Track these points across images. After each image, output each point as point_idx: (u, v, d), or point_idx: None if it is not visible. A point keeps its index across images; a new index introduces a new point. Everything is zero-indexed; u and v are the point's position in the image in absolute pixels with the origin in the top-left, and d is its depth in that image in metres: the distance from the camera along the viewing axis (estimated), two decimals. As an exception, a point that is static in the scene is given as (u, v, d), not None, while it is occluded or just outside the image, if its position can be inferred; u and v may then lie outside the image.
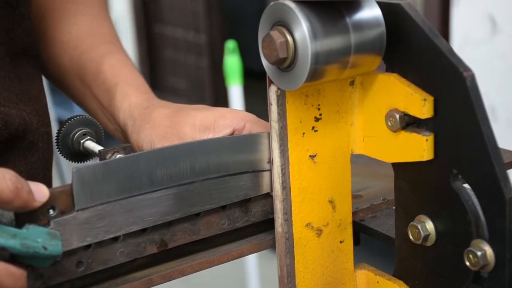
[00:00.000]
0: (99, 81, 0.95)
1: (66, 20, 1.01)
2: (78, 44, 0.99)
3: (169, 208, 0.70)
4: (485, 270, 0.62)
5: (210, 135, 0.79)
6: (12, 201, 0.60)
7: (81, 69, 0.97)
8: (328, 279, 0.75)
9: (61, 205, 0.64)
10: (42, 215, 0.63)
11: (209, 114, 0.81)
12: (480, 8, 2.53)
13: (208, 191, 0.72)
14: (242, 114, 0.81)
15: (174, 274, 0.71)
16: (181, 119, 0.82)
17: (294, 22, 0.62)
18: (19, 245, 0.60)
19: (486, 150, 0.60)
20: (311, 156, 0.71)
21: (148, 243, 0.71)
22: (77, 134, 0.82)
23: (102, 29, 1.02)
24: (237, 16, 5.24)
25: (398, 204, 0.70)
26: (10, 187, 0.60)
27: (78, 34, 1.00)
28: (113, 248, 0.69)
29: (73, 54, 0.99)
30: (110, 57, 0.97)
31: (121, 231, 0.68)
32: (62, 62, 1.00)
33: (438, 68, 0.63)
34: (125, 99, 0.91)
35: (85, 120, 0.83)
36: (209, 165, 0.72)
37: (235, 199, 0.74)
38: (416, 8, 0.65)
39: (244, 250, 0.75)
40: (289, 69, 0.64)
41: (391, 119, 0.67)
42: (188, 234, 0.73)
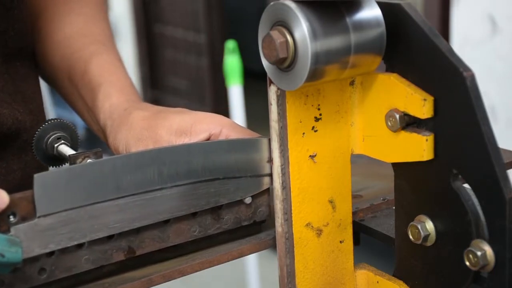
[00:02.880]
0: (85, 81, 0.94)
1: (60, 19, 1.01)
2: (70, 43, 0.99)
3: (136, 214, 0.69)
4: (485, 270, 0.62)
5: (186, 139, 0.79)
6: None
7: (70, 68, 0.97)
8: (328, 279, 0.75)
9: (22, 211, 0.63)
10: (2, 221, 0.63)
11: (187, 118, 0.80)
12: (480, 8, 2.53)
13: (177, 197, 0.71)
14: (219, 119, 0.80)
15: (174, 274, 0.71)
16: (158, 122, 0.81)
17: (294, 22, 0.62)
18: None
19: (486, 150, 0.60)
20: (311, 156, 0.71)
21: (115, 250, 0.69)
22: (51, 138, 0.81)
23: (96, 29, 1.02)
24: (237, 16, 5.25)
25: (398, 204, 0.70)
26: None
27: (71, 34, 1.00)
28: (78, 255, 0.68)
29: (64, 53, 0.99)
30: (99, 57, 0.97)
31: (85, 238, 0.67)
32: (54, 61, 0.99)
33: (438, 68, 0.63)
34: (107, 99, 0.90)
35: (61, 124, 0.82)
36: (178, 171, 0.71)
37: (206, 206, 0.73)
38: (416, 8, 0.65)
39: (244, 250, 0.75)
40: (289, 69, 0.64)
41: (391, 119, 0.67)
42: (157, 241, 0.72)
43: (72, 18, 1.01)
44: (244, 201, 0.75)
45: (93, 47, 0.98)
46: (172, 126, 0.80)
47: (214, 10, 4.36)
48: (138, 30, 4.94)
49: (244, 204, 0.76)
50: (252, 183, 0.75)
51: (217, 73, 4.24)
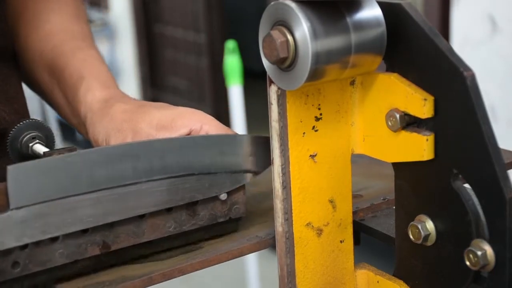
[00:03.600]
0: (65, 75, 0.95)
1: (40, 18, 1.01)
2: (50, 39, 0.99)
3: (110, 209, 0.69)
4: (485, 270, 0.62)
5: (167, 134, 0.79)
6: None
7: (50, 63, 0.97)
8: (328, 279, 0.75)
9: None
10: None
11: (168, 113, 0.81)
12: (480, 8, 2.54)
13: (152, 193, 0.71)
14: (200, 115, 0.80)
15: (174, 273, 0.71)
16: (139, 115, 0.82)
17: (295, 21, 0.62)
18: None
19: (487, 150, 0.60)
20: (311, 156, 0.71)
21: (89, 244, 0.69)
22: (26, 138, 0.81)
23: (75, 26, 1.02)
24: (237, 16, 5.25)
25: (398, 204, 0.70)
26: None
27: (51, 30, 1.00)
28: (52, 249, 0.67)
29: (44, 48, 0.99)
30: (80, 52, 0.97)
31: (59, 232, 0.67)
32: (34, 57, 0.99)
33: (438, 67, 0.63)
34: (88, 92, 0.90)
35: (35, 124, 0.82)
36: (153, 166, 0.71)
37: (181, 202, 0.73)
38: (416, 8, 0.65)
39: (244, 249, 0.75)
40: (290, 69, 0.64)
41: (391, 119, 0.67)
42: (131, 237, 0.71)
43: (52, 16, 1.02)
44: (219, 197, 0.75)
45: (74, 43, 0.99)
46: (152, 120, 0.80)
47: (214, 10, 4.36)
48: (138, 30, 4.94)
49: (220, 200, 0.76)
50: (228, 179, 0.75)
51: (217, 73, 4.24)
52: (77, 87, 0.92)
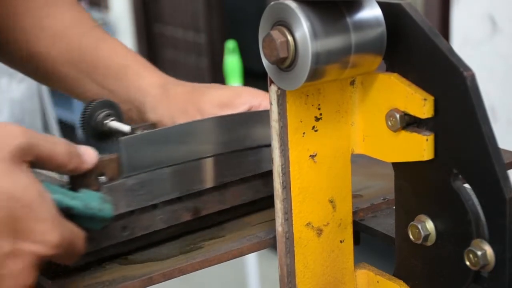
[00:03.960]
0: (100, 67, 0.97)
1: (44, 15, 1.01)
2: (65, 34, 1.00)
3: (200, 178, 0.76)
4: (485, 270, 0.62)
5: (229, 111, 0.84)
6: (66, 164, 0.65)
7: (76, 58, 0.98)
8: (328, 279, 0.75)
9: (109, 172, 0.70)
10: (94, 181, 0.69)
11: (226, 93, 0.87)
12: (480, 8, 2.53)
13: (232, 164, 0.78)
14: (257, 92, 0.86)
15: (174, 273, 0.71)
16: (199, 96, 0.87)
17: (295, 21, 0.62)
18: (82, 206, 0.66)
19: (487, 150, 0.60)
20: (311, 156, 0.71)
21: (183, 210, 0.76)
22: (101, 116, 0.85)
23: (84, 16, 1.03)
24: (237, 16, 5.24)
25: (398, 204, 0.70)
26: (64, 152, 0.64)
27: (63, 25, 1.01)
28: (154, 215, 0.74)
29: (62, 45, 0.99)
30: (105, 42, 0.99)
31: (160, 199, 0.74)
32: (50, 56, 1.00)
33: (438, 68, 0.63)
34: (140, 78, 0.94)
35: (107, 102, 0.86)
36: (231, 139, 0.78)
37: (257, 171, 0.80)
38: (416, 8, 0.65)
39: (244, 249, 0.75)
40: (290, 69, 0.64)
41: (391, 119, 0.67)
42: (217, 204, 0.78)
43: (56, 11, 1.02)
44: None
45: (94, 34, 1.00)
46: (213, 100, 0.86)
47: (214, 10, 4.36)
48: (138, 30, 4.94)
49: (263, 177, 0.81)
50: None
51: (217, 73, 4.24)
52: (122, 75, 0.95)
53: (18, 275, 0.60)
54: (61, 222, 0.63)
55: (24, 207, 0.60)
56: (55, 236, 0.61)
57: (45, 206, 0.61)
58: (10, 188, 0.60)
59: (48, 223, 0.61)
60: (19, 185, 0.60)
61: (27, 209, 0.60)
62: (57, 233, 0.61)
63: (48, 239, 0.61)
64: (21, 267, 0.60)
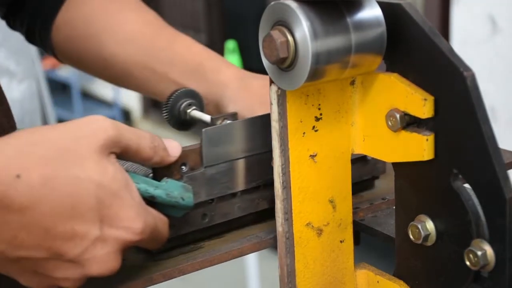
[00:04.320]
0: (177, 65, 1.00)
1: (114, 19, 1.04)
2: (137, 36, 1.03)
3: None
4: (485, 270, 0.62)
5: None
6: (151, 157, 0.68)
7: (149, 58, 1.01)
8: (328, 279, 0.75)
9: (191, 162, 0.72)
10: (176, 170, 0.71)
11: None
12: (480, 8, 2.54)
13: None
14: None
15: (174, 273, 0.71)
16: None
17: (295, 21, 0.62)
18: (164, 195, 0.68)
19: (487, 150, 0.60)
20: (311, 156, 0.71)
21: (261, 199, 0.78)
22: (183, 105, 0.86)
23: (153, 17, 1.06)
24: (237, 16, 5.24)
25: (398, 204, 0.70)
26: (150, 146, 0.68)
27: (134, 28, 1.04)
28: (232, 203, 0.77)
29: (134, 47, 1.02)
30: (178, 40, 1.03)
31: (239, 187, 0.76)
32: (121, 59, 1.03)
33: (438, 67, 0.63)
34: (218, 73, 0.97)
35: (189, 92, 0.88)
36: None
37: None
38: (416, 8, 0.65)
39: (245, 249, 0.75)
40: (290, 69, 0.64)
41: (391, 119, 0.67)
42: None
43: (126, 15, 1.05)
44: (367, 157, 0.83)
45: (167, 33, 1.04)
46: None
47: (214, 10, 4.36)
48: (138, 30, 4.93)
49: (366, 160, 0.84)
50: None
51: (217, 73, 4.23)
52: (200, 71, 0.98)
53: (104, 260, 0.63)
54: (145, 209, 0.66)
55: (111, 195, 0.63)
56: (139, 223, 0.64)
57: (131, 195, 0.64)
58: (99, 177, 0.62)
59: (133, 210, 0.64)
60: (107, 174, 0.63)
61: (114, 197, 0.63)
62: (141, 220, 0.64)
63: (133, 226, 0.64)
64: (107, 252, 0.63)
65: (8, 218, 0.59)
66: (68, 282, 0.64)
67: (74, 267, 0.63)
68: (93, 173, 0.62)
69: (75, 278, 0.63)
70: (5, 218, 0.59)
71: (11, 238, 0.60)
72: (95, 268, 0.63)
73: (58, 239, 0.61)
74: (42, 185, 0.60)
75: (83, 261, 0.62)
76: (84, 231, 0.62)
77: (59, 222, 0.61)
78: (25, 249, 0.61)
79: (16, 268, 0.63)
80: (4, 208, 0.59)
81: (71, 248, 0.62)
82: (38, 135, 0.63)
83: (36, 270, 0.63)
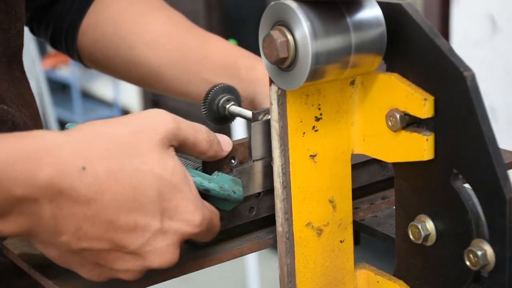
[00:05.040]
0: (209, 64, 1.00)
1: (142, 21, 1.05)
2: (165, 38, 1.03)
3: None
4: (485, 270, 0.62)
5: None
6: (206, 151, 0.69)
7: (179, 59, 1.02)
8: (328, 279, 0.75)
9: (240, 156, 0.73)
10: (225, 164, 0.72)
11: None
12: (480, 8, 2.54)
13: None
14: None
15: (174, 273, 0.71)
16: None
17: (295, 21, 0.62)
18: (218, 188, 0.70)
19: (487, 150, 0.60)
20: (311, 156, 0.71)
21: None
22: (222, 100, 0.86)
23: (180, 19, 1.07)
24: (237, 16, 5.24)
25: (398, 204, 0.70)
26: (206, 139, 0.68)
27: (161, 29, 1.04)
28: None
29: (162, 49, 1.03)
30: (209, 40, 1.03)
31: None
32: (151, 59, 1.03)
33: (438, 67, 0.63)
34: (251, 70, 0.97)
35: (227, 87, 0.88)
36: None
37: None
38: (416, 7, 0.65)
39: (245, 249, 0.75)
40: (290, 69, 0.64)
41: (391, 119, 0.67)
42: None
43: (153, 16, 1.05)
44: None
45: (196, 33, 1.04)
46: None
47: (214, 10, 4.36)
48: (138, 30, 4.93)
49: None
50: None
51: (217, 73, 4.23)
52: (233, 69, 0.98)
53: (164, 252, 0.64)
54: (202, 202, 0.67)
55: (171, 188, 0.64)
56: (198, 216, 0.65)
57: (189, 188, 0.65)
58: (159, 170, 0.63)
59: (192, 203, 0.65)
60: (168, 167, 0.64)
61: (175, 190, 0.64)
62: (199, 213, 0.65)
63: (192, 219, 0.65)
64: (167, 245, 0.64)
65: (74, 210, 0.60)
66: (128, 274, 0.65)
67: (135, 259, 0.64)
68: (154, 166, 0.63)
69: (135, 270, 0.64)
70: (71, 210, 0.60)
71: (75, 229, 0.61)
72: (155, 260, 0.64)
73: (120, 231, 0.62)
74: (107, 178, 0.61)
75: (144, 253, 0.63)
76: (146, 223, 0.63)
77: (121, 214, 0.62)
78: (88, 240, 0.62)
79: (78, 260, 0.63)
80: (70, 200, 0.60)
81: (132, 240, 0.63)
82: (100, 128, 0.64)
83: (97, 262, 0.64)
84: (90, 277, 0.65)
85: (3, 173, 0.58)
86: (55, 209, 0.60)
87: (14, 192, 0.58)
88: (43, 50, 4.89)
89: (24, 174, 0.58)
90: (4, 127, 0.84)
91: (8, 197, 0.58)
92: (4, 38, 0.87)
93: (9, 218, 0.60)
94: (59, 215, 0.60)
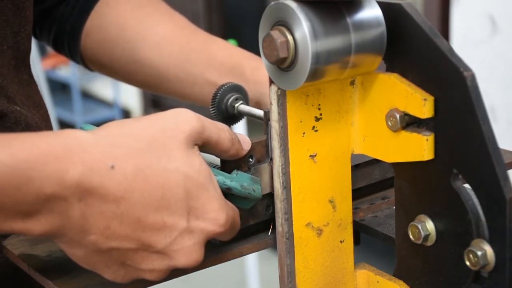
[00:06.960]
0: (214, 66, 1.00)
1: (146, 23, 1.05)
2: (170, 40, 1.03)
3: None
4: (485, 270, 0.62)
5: None
6: (228, 150, 0.69)
7: (184, 61, 1.02)
8: (328, 279, 0.75)
9: (257, 154, 0.74)
10: (244, 163, 0.73)
11: None
12: (480, 8, 2.54)
13: None
14: None
15: (174, 272, 0.71)
16: None
17: (295, 21, 0.62)
18: (239, 187, 0.70)
19: (487, 150, 0.60)
20: (311, 156, 0.71)
21: None
22: (231, 99, 0.86)
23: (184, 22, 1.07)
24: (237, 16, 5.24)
25: (399, 204, 0.70)
26: (229, 138, 0.69)
27: (166, 32, 1.04)
28: None
29: (167, 51, 1.03)
30: (213, 42, 1.03)
31: None
32: (155, 62, 1.03)
33: (438, 67, 0.63)
34: (256, 72, 0.98)
35: (235, 87, 0.87)
36: None
37: None
38: (416, 7, 0.65)
39: (244, 249, 0.75)
40: (290, 69, 0.64)
41: (391, 119, 0.67)
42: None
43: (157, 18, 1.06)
44: None
45: (200, 36, 1.04)
46: None
47: (214, 10, 4.36)
48: (138, 30, 4.93)
49: None
50: None
51: (217, 73, 4.23)
52: (238, 71, 0.99)
53: (190, 251, 0.64)
54: (225, 201, 0.67)
55: (197, 187, 0.64)
56: (223, 214, 0.65)
57: (214, 186, 0.66)
58: (186, 168, 0.64)
59: (217, 202, 0.65)
60: (194, 166, 0.64)
61: (201, 188, 0.64)
62: (224, 212, 0.66)
63: (217, 218, 0.65)
64: (193, 244, 0.64)
65: (103, 208, 0.60)
66: (154, 274, 0.65)
67: (161, 259, 0.64)
68: (180, 164, 0.64)
69: (161, 270, 0.64)
70: (100, 208, 0.60)
71: (104, 228, 0.61)
72: (182, 260, 0.64)
73: (148, 230, 0.62)
74: (135, 176, 0.61)
75: (171, 252, 0.64)
76: (173, 222, 0.63)
77: (149, 212, 0.62)
78: (116, 239, 0.62)
79: (104, 260, 0.63)
80: (99, 198, 0.60)
81: (160, 239, 0.63)
82: (127, 127, 0.65)
83: (123, 262, 0.64)
84: (114, 278, 0.65)
85: (34, 172, 0.58)
86: (85, 207, 0.60)
87: (45, 190, 0.58)
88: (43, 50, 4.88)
89: (55, 172, 0.58)
90: (18, 128, 0.84)
91: (39, 196, 0.58)
92: (14, 41, 0.87)
93: (38, 217, 0.59)
94: (88, 213, 0.60)
